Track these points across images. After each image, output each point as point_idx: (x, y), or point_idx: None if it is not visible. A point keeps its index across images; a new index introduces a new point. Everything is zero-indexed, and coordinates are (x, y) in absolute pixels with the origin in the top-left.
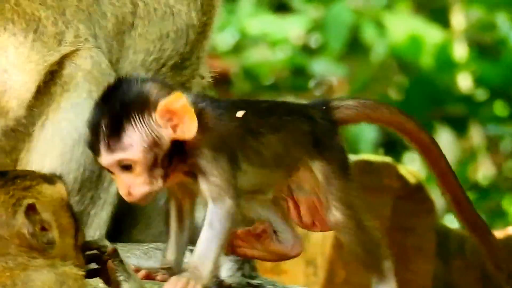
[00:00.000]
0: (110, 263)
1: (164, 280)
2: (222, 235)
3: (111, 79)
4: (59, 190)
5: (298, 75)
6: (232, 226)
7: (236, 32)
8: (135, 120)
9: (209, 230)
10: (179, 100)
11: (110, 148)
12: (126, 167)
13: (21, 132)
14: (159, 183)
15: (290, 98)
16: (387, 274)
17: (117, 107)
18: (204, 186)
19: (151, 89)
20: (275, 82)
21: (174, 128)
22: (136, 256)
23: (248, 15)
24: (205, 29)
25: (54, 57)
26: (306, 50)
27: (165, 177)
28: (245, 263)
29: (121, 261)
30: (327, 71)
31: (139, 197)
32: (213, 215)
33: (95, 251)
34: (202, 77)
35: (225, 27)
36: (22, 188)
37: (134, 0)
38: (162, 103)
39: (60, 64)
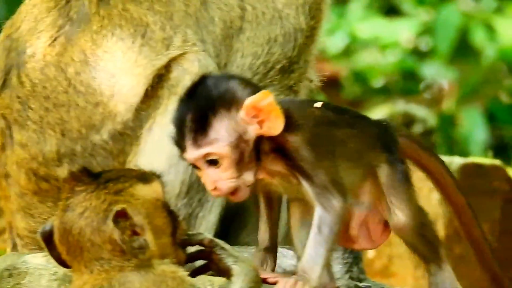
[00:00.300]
0: (213, 254)
1: (274, 283)
2: (331, 239)
3: None
4: (154, 189)
5: (408, 78)
6: (341, 228)
7: (346, 35)
8: (222, 115)
9: (318, 234)
10: (266, 98)
11: (196, 143)
12: (212, 161)
13: (128, 135)
14: (245, 178)
15: (400, 102)
16: (443, 261)
17: (203, 103)
18: (309, 190)
19: (237, 86)
20: (385, 86)
21: (260, 124)
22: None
23: (358, 19)
24: (313, 33)
25: (162, 61)
26: (416, 53)
27: (253, 173)
28: (354, 266)
29: (222, 248)
30: (437, 74)
31: (225, 192)
32: (321, 220)
33: (197, 247)
34: (310, 81)
35: (335, 31)
36: (114, 192)
37: (242, 5)
38: (249, 100)
39: (167, 67)
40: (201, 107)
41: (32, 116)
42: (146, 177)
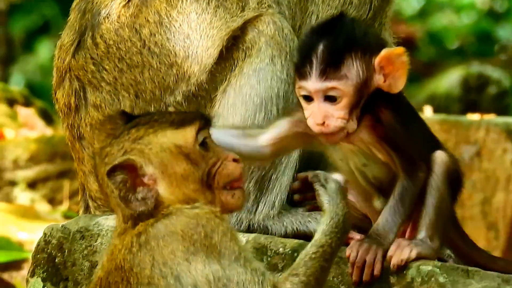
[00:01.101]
0: (314, 185)
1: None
2: (408, 209)
3: (293, 45)
4: (181, 135)
5: (483, 40)
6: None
7: None
8: (357, 56)
9: (399, 202)
10: (402, 55)
11: (324, 75)
12: (331, 97)
13: (202, 97)
14: (352, 124)
15: (475, 63)
16: (436, 242)
17: (342, 39)
18: (397, 161)
19: (376, 34)
20: (460, 47)
21: (384, 77)
22: (316, 220)
23: None
24: None
25: (237, 23)
26: (492, 15)
27: (356, 123)
28: None
29: (322, 185)
30: None
31: (331, 130)
32: (404, 189)
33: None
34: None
35: None
36: (132, 140)
37: None
38: (387, 50)
39: (242, 29)
40: (340, 42)
41: (106, 77)
42: (183, 120)
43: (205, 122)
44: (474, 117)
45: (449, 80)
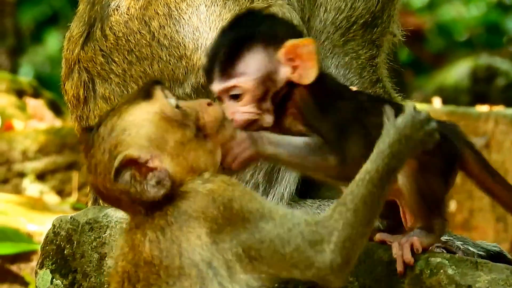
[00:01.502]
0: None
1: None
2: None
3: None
4: (151, 105)
5: (492, 31)
6: None
7: None
8: (257, 49)
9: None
10: (309, 45)
11: (224, 74)
12: (235, 96)
13: None
14: (267, 118)
15: (484, 55)
16: (434, 227)
17: (241, 35)
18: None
19: (282, 25)
20: (469, 39)
21: (293, 69)
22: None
23: None
24: None
25: None
26: (501, 6)
27: (272, 117)
28: None
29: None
30: None
31: (240, 124)
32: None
33: None
34: (393, 35)
35: None
36: (106, 137)
37: None
38: (292, 42)
39: None
40: (238, 38)
41: (115, 69)
42: (139, 94)
43: (162, 84)
44: (482, 108)
45: (458, 71)
